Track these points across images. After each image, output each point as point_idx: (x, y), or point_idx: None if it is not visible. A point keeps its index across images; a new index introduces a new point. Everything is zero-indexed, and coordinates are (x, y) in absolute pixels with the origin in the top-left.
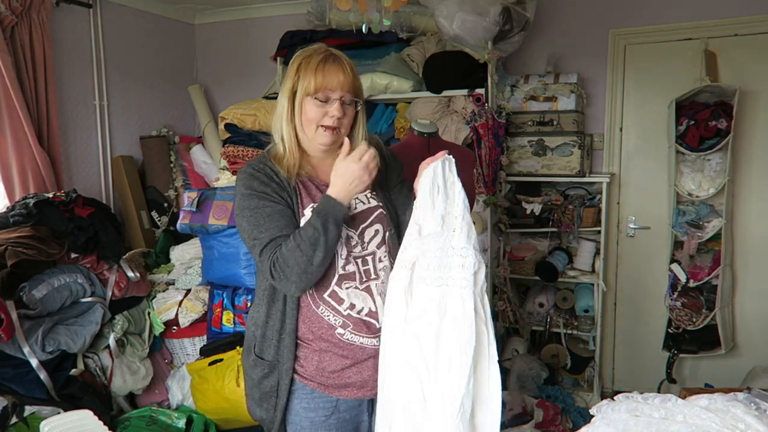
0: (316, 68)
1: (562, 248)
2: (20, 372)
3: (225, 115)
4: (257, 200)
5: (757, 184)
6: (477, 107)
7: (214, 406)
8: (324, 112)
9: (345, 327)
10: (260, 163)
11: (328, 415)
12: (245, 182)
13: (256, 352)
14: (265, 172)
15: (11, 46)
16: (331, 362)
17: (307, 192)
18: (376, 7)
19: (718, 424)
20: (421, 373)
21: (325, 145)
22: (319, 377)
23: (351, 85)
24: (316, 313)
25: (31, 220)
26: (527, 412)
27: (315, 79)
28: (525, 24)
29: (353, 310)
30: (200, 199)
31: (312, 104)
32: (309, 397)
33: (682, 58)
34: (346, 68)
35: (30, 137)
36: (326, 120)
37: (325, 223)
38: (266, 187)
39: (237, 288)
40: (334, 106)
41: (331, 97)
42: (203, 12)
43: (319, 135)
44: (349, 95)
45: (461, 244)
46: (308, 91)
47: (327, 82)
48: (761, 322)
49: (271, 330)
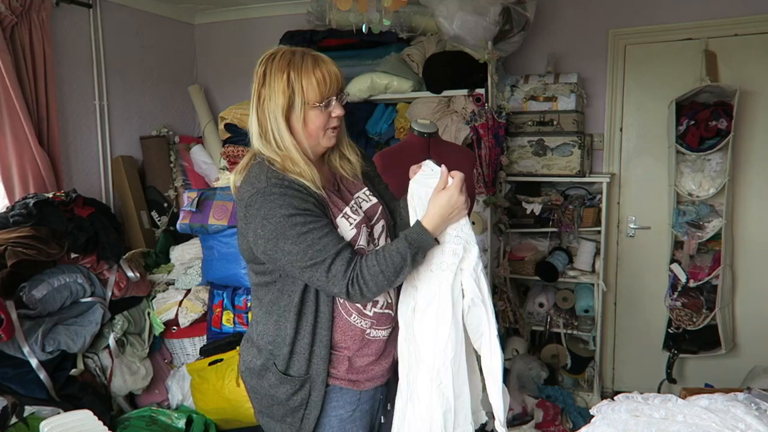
0: (312, 77)
1: (562, 248)
2: (20, 372)
3: (225, 115)
4: (302, 218)
5: (757, 184)
6: (477, 107)
7: (214, 406)
8: (327, 115)
9: (371, 326)
10: (284, 180)
11: (354, 409)
12: (281, 201)
13: (280, 369)
14: (296, 188)
15: (11, 46)
16: (360, 360)
17: (331, 201)
18: (376, 7)
19: (718, 424)
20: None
21: (332, 146)
22: (349, 375)
23: (341, 81)
24: (348, 321)
25: (31, 220)
26: (527, 412)
27: (316, 89)
28: (525, 24)
29: (376, 307)
30: (200, 199)
31: (317, 112)
32: (338, 395)
33: (682, 58)
34: (333, 65)
35: (30, 137)
36: (332, 122)
37: (415, 255)
38: (307, 203)
39: (237, 288)
40: (334, 106)
41: (332, 101)
42: (203, 12)
43: (327, 138)
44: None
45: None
46: (314, 102)
47: (329, 87)
48: (761, 322)
49: (301, 345)
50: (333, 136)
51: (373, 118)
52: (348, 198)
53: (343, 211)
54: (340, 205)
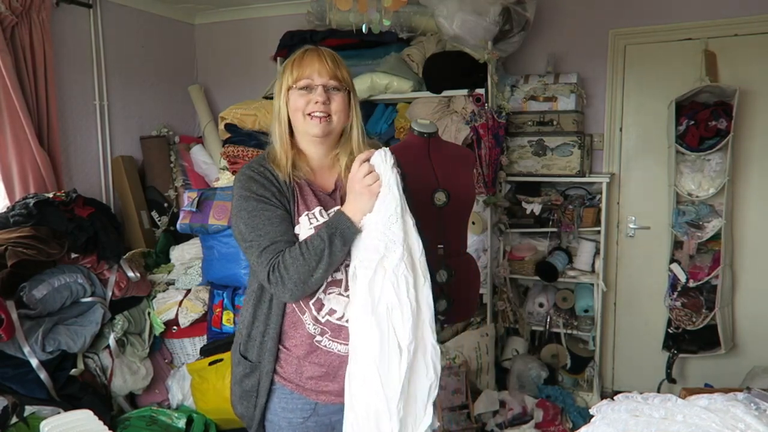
0: (294, 61)
1: (562, 248)
2: (20, 372)
3: (225, 115)
4: (255, 203)
5: (757, 184)
6: (477, 107)
7: (214, 406)
8: (307, 99)
9: (323, 334)
10: (259, 166)
11: (306, 417)
12: (244, 184)
13: (240, 351)
14: (264, 176)
15: (11, 46)
16: (309, 369)
17: (303, 197)
18: (376, 7)
19: (718, 424)
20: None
21: (316, 135)
22: (298, 380)
23: (330, 72)
24: (300, 320)
25: (32, 220)
26: (527, 412)
27: (294, 71)
28: (525, 24)
29: (332, 316)
30: (200, 199)
31: (296, 95)
32: (288, 398)
33: (682, 58)
34: (323, 56)
35: (30, 137)
36: (309, 107)
37: (331, 236)
38: (266, 191)
39: (237, 288)
40: (317, 92)
41: (312, 85)
42: (203, 12)
43: (308, 125)
44: (333, 82)
45: (381, 229)
46: (290, 84)
47: (303, 70)
48: (761, 322)
49: (255, 331)
50: (315, 124)
51: (373, 118)
52: (327, 204)
53: (311, 210)
54: (310, 204)
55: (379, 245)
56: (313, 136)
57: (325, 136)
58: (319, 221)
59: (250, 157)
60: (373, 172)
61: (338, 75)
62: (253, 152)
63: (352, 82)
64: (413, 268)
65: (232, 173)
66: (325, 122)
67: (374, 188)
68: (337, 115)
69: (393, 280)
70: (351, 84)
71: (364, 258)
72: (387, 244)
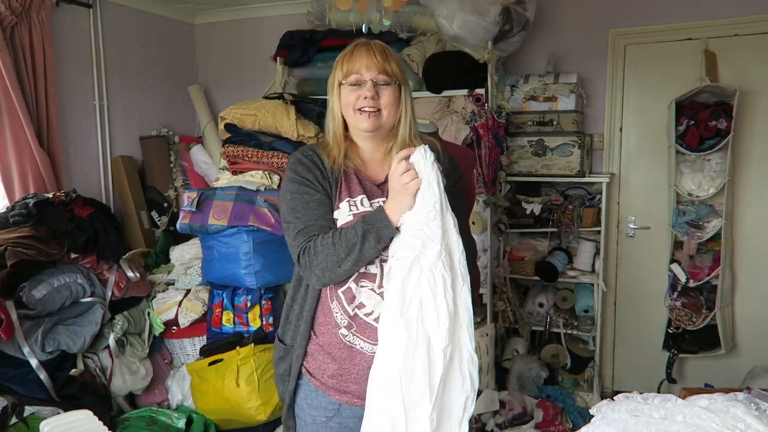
0: (344, 57)
1: (561, 248)
2: (20, 372)
3: (225, 115)
4: (298, 185)
5: (757, 184)
6: (477, 107)
7: (214, 406)
8: (357, 95)
9: (349, 328)
10: (310, 150)
11: (330, 417)
12: (291, 166)
13: (278, 333)
14: (311, 159)
15: (11, 46)
16: (331, 365)
17: (347, 184)
18: (376, 7)
19: (718, 425)
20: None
21: (366, 130)
22: (320, 377)
23: (379, 67)
24: (329, 307)
25: (31, 220)
26: (527, 412)
27: (344, 66)
28: (525, 24)
29: (361, 310)
30: (200, 199)
31: (346, 90)
32: (313, 395)
33: (682, 58)
34: (373, 50)
35: (30, 137)
36: (359, 102)
37: (366, 233)
38: (309, 174)
39: (237, 288)
40: (366, 87)
41: (361, 80)
42: (203, 12)
43: (358, 119)
44: (382, 76)
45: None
46: (340, 79)
47: (353, 65)
48: (761, 322)
49: (293, 314)
50: (364, 119)
51: None
52: (374, 194)
53: (353, 198)
54: (354, 192)
55: (416, 242)
56: (362, 131)
57: (375, 131)
58: (359, 210)
59: (250, 157)
60: (411, 170)
61: (387, 69)
62: (253, 152)
63: (404, 75)
64: (452, 268)
65: (232, 173)
66: (374, 117)
67: (411, 186)
68: (387, 110)
69: (429, 278)
70: (402, 77)
71: (401, 256)
72: (424, 241)
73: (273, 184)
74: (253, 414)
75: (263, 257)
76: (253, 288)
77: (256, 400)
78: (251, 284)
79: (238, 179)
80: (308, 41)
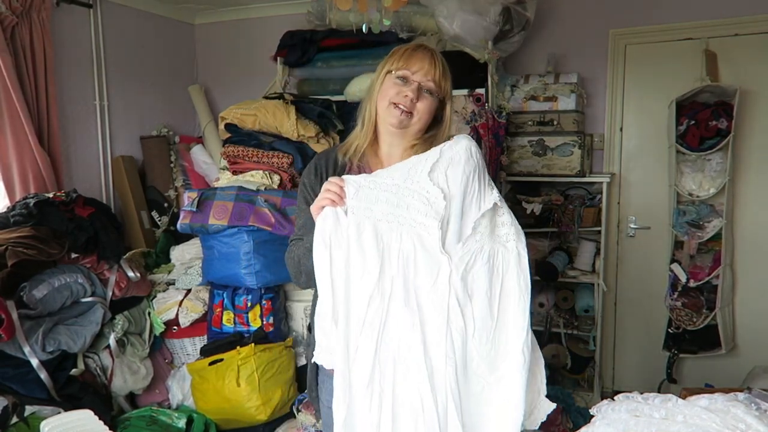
0: (404, 51)
1: (562, 248)
2: (21, 372)
3: (225, 115)
4: (300, 191)
5: (757, 184)
6: (477, 107)
7: (214, 406)
8: (398, 90)
9: None
10: (325, 155)
11: None
12: (305, 170)
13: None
14: (323, 163)
15: (11, 46)
16: None
17: None
18: (377, 7)
19: (718, 425)
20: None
21: (392, 125)
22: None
23: (434, 76)
24: None
25: (32, 220)
26: None
27: (400, 59)
28: (525, 24)
29: None
30: (200, 199)
31: (390, 81)
32: (328, 380)
33: (682, 58)
34: (435, 60)
35: (30, 137)
36: (398, 97)
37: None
38: (312, 179)
39: (237, 288)
40: (411, 87)
41: (409, 79)
42: (203, 12)
43: (389, 112)
44: (431, 84)
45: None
46: (390, 69)
47: (410, 63)
48: (761, 322)
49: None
50: (395, 114)
51: None
52: None
53: None
54: None
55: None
56: (389, 125)
57: (401, 129)
58: None
59: (250, 157)
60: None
61: (440, 81)
62: (254, 152)
63: (452, 95)
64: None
65: (232, 173)
66: (405, 116)
67: (318, 202)
68: (419, 115)
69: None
70: (448, 95)
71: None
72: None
73: (273, 184)
74: (254, 414)
75: (263, 257)
76: (254, 288)
77: (256, 400)
78: (251, 284)
79: (238, 179)
80: (308, 41)
